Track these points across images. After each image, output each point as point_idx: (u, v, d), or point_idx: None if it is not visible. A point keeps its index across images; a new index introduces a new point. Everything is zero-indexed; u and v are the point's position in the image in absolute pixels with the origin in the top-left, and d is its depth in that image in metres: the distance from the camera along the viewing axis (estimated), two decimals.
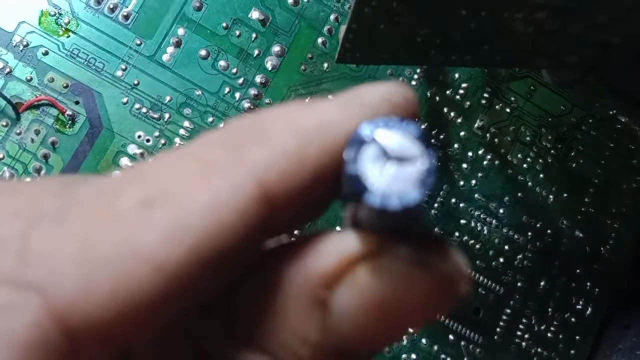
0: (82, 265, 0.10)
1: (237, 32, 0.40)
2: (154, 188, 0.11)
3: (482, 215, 0.43)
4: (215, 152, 0.11)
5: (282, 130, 0.11)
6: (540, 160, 0.44)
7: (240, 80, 0.40)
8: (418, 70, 0.43)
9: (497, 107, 0.44)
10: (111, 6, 0.38)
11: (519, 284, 0.43)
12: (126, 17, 0.39)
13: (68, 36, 0.38)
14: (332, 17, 0.42)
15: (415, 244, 0.11)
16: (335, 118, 0.12)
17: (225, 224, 0.10)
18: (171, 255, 0.10)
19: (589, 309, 0.45)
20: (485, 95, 0.44)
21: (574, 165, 0.45)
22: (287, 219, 0.12)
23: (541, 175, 0.44)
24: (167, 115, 0.39)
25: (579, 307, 0.44)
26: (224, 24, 0.40)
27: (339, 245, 0.12)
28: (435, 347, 0.42)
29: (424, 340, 0.41)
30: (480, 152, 0.43)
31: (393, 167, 0.11)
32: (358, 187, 0.11)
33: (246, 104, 0.40)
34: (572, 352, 0.44)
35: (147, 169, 0.11)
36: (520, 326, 0.43)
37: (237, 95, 0.40)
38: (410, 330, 0.12)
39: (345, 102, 0.12)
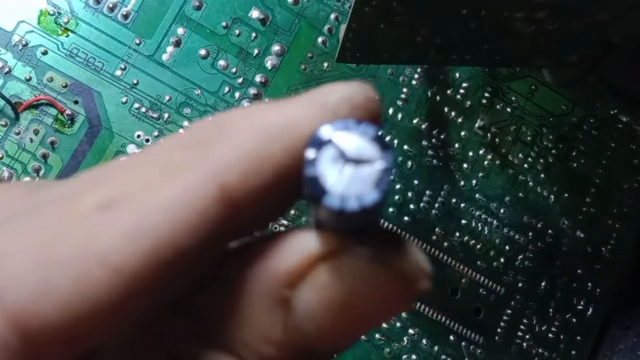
0: (41, 268, 0.10)
1: (237, 32, 0.40)
2: (115, 190, 0.11)
3: (482, 216, 0.43)
4: (177, 153, 0.11)
5: (244, 130, 0.11)
6: (541, 160, 0.44)
7: (240, 80, 0.40)
8: (418, 70, 0.42)
9: (497, 106, 0.44)
10: (110, 5, 0.38)
11: (519, 284, 0.43)
12: (125, 17, 0.39)
13: (67, 35, 0.38)
14: (332, 16, 0.41)
15: (375, 243, 0.12)
16: (297, 118, 0.12)
17: (185, 225, 0.10)
18: (130, 257, 0.10)
19: (590, 309, 0.44)
20: (486, 94, 0.43)
21: (575, 165, 0.45)
22: (250, 218, 0.12)
23: (542, 175, 0.44)
24: (166, 115, 0.39)
25: (580, 307, 0.44)
26: (224, 23, 0.40)
27: (301, 245, 0.12)
28: (436, 348, 0.42)
29: (424, 341, 0.41)
30: (481, 152, 0.43)
31: (351, 169, 0.11)
32: (317, 189, 0.11)
33: (246, 104, 0.40)
34: (573, 352, 0.44)
35: (108, 171, 0.11)
36: (521, 326, 0.43)
37: (237, 94, 0.40)
38: (373, 327, 0.12)
39: (307, 102, 0.12)
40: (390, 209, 0.41)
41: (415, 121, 0.42)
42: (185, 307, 0.12)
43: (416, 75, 0.42)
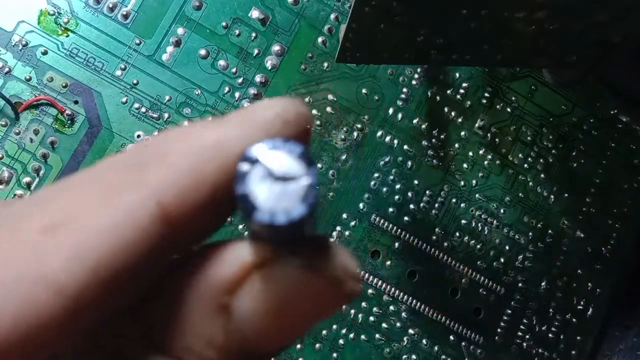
0: None
1: (237, 32, 0.40)
2: (57, 213, 0.11)
3: (482, 216, 0.43)
4: (116, 174, 0.12)
5: (180, 151, 0.12)
6: (541, 160, 0.44)
7: (240, 80, 0.40)
8: (418, 70, 0.42)
9: (497, 106, 0.44)
10: (110, 5, 0.38)
11: (519, 285, 0.43)
12: (125, 17, 0.39)
13: (67, 35, 0.38)
14: (332, 16, 0.41)
15: (306, 251, 0.12)
16: (230, 137, 0.12)
17: (125, 245, 0.11)
18: (73, 278, 0.10)
19: (590, 309, 0.44)
20: (486, 94, 0.43)
21: (575, 165, 0.45)
22: (189, 234, 0.12)
23: (542, 175, 0.44)
24: (166, 115, 0.39)
25: (580, 307, 0.44)
26: (224, 23, 0.40)
27: (237, 255, 0.13)
28: (436, 348, 0.42)
29: (424, 341, 0.41)
30: (481, 152, 0.43)
31: (278, 186, 0.12)
32: (248, 206, 0.11)
33: (246, 104, 0.40)
34: (573, 352, 0.44)
35: (50, 193, 0.12)
36: (521, 327, 0.43)
37: (237, 94, 0.40)
38: (309, 327, 0.13)
39: (240, 121, 0.13)
40: (390, 209, 0.41)
41: (415, 121, 0.42)
42: (139, 314, 0.13)
43: (416, 75, 0.42)
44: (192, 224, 0.12)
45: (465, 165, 0.43)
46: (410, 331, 0.41)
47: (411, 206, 0.42)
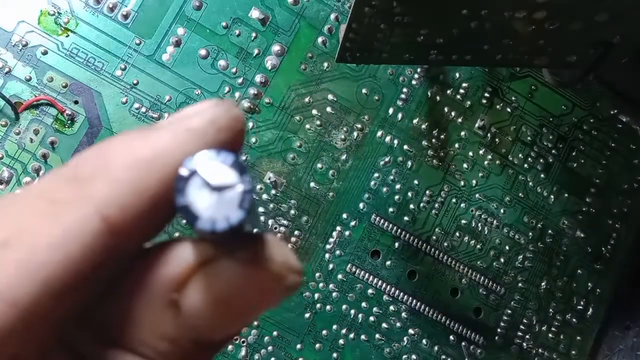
0: None
1: (237, 32, 0.40)
2: (5, 230, 0.12)
3: (482, 216, 0.43)
4: (61, 189, 0.13)
5: (121, 164, 0.13)
6: (541, 160, 0.44)
7: (240, 80, 0.40)
8: (418, 70, 0.42)
9: (497, 106, 0.44)
10: (110, 5, 0.38)
11: (519, 285, 0.43)
12: (125, 17, 0.39)
13: (67, 35, 0.38)
14: (332, 16, 0.41)
15: (247, 248, 0.13)
16: (166, 147, 0.13)
17: (72, 259, 0.12)
18: (25, 291, 0.11)
19: (590, 309, 0.44)
20: (486, 94, 0.43)
21: (575, 165, 0.45)
22: (133, 240, 0.13)
23: (542, 175, 0.44)
24: (166, 115, 0.39)
25: (580, 307, 0.44)
26: (224, 23, 0.40)
27: (182, 255, 0.14)
28: (436, 348, 0.42)
29: (424, 341, 0.41)
30: (481, 152, 0.43)
31: (215, 195, 0.12)
32: (189, 216, 0.12)
33: (246, 104, 0.40)
34: (573, 352, 0.44)
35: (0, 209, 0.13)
36: (521, 326, 0.43)
37: (237, 94, 0.40)
38: (254, 316, 0.15)
39: (174, 129, 0.13)
40: (390, 209, 0.41)
41: (415, 121, 0.42)
42: (89, 314, 0.13)
43: (416, 75, 0.42)
44: (135, 232, 0.13)
45: (465, 165, 0.43)
46: (410, 331, 0.41)
47: (411, 206, 0.42)
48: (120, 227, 0.12)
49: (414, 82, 0.42)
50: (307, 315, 0.40)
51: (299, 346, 0.40)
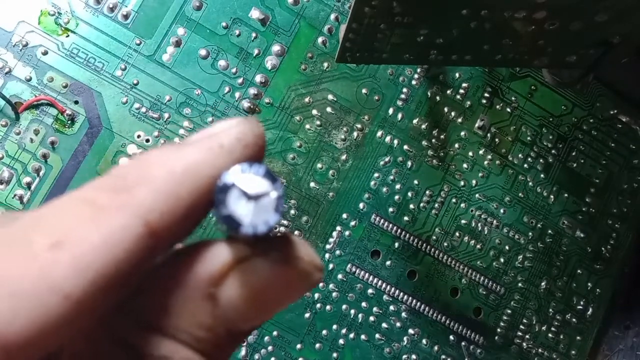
0: (7, 301, 0.13)
1: (237, 32, 0.40)
2: (58, 232, 0.14)
3: (482, 216, 0.43)
4: (105, 196, 0.14)
5: (159, 176, 0.15)
6: (541, 160, 0.44)
7: (240, 80, 0.40)
8: (418, 70, 0.42)
9: (497, 106, 0.44)
10: (110, 5, 0.38)
11: (519, 285, 0.43)
12: (126, 17, 0.39)
13: (67, 36, 0.38)
14: (332, 16, 0.41)
15: (277, 247, 0.16)
16: (200, 163, 0.15)
17: (117, 260, 0.14)
18: (77, 286, 0.13)
19: (590, 309, 0.44)
20: (486, 94, 0.44)
21: (574, 165, 0.45)
22: (170, 242, 0.15)
23: (542, 175, 0.44)
24: (166, 115, 0.39)
25: (580, 307, 0.44)
26: (224, 24, 0.40)
27: (220, 253, 0.15)
28: (436, 348, 0.42)
29: (424, 341, 0.41)
30: (480, 152, 0.43)
31: (253, 203, 0.14)
32: (233, 224, 0.14)
33: (246, 104, 0.40)
34: (573, 352, 0.44)
35: (49, 213, 0.14)
36: (521, 326, 0.43)
37: (237, 94, 0.40)
38: (280, 309, 0.16)
39: (206, 147, 0.15)
40: (390, 209, 0.41)
41: (415, 121, 0.42)
42: (130, 304, 0.15)
43: (416, 75, 0.42)
44: (172, 236, 0.15)
45: (465, 165, 0.43)
46: (410, 331, 0.41)
47: (411, 206, 0.42)
48: (159, 232, 0.14)
49: (414, 82, 0.42)
50: (307, 315, 0.40)
51: (299, 346, 0.40)
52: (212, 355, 0.15)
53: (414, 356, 0.41)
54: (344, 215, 0.41)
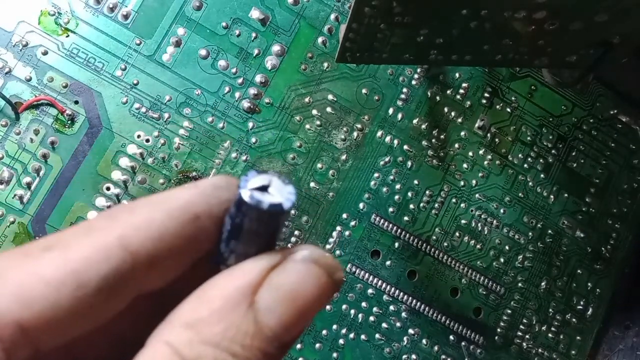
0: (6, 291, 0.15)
1: (237, 32, 0.40)
2: (52, 239, 0.16)
3: (482, 216, 0.43)
4: (98, 218, 0.17)
5: (146, 207, 0.17)
6: (541, 160, 0.44)
7: (240, 80, 0.40)
8: (418, 70, 0.42)
9: (497, 106, 0.44)
10: (110, 5, 0.38)
11: (519, 284, 0.43)
12: (126, 17, 0.39)
13: (67, 36, 0.38)
14: (332, 16, 0.41)
15: (301, 250, 0.17)
16: (173, 193, 0.17)
17: (93, 266, 0.16)
18: (62, 283, 0.15)
19: (590, 309, 0.44)
20: (486, 95, 0.44)
21: (574, 165, 0.45)
22: (158, 266, 0.17)
23: (542, 175, 0.44)
24: (166, 115, 0.39)
25: (580, 307, 0.44)
26: (224, 24, 0.40)
27: (256, 263, 0.17)
28: (436, 348, 0.42)
29: (424, 341, 0.41)
30: (480, 152, 0.43)
31: (272, 191, 0.17)
32: (263, 207, 0.16)
33: (246, 104, 0.40)
34: (573, 352, 0.44)
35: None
36: (521, 326, 0.43)
37: (237, 94, 0.40)
38: (314, 312, 0.17)
39: (189, 187, 0.17)
40: (390, 209, 0.41)
41: (415, 121, 0.42)
42: (179, 316, 0.16)
43: (416, 75, 0.42)
44: (156, 260, 0.16)
45: (465, 165, 0.43)
46: (410, 331, 0.41)
47: (411, 206, 0.42)
48: (139, 253, 0.16)
49: (414, 82, 0.42)
50: None
51: (299, 346, 0.40)
52: None
53: (414, 356, 0.41)
54: (344, 215, 0.41)
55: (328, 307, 0.40)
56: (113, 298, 0.16)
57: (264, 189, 0.17)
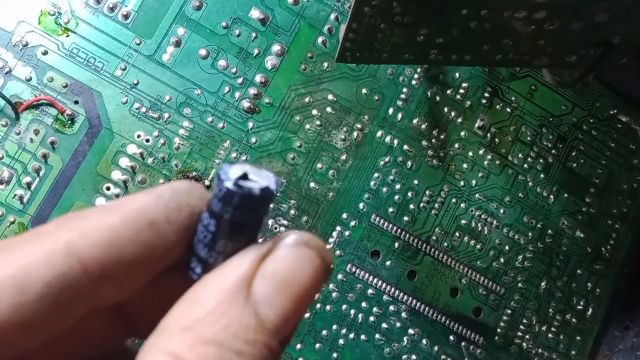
0: None
1: (237, 32, 0.40)
2: (1, 243, 0.16)
3: (482, 216, 0.43)
4: (50, 224, 0.16)
5: (98, 212, 0.16)
6: (541, 160, 0.44)
7: (240, 80, 0.40)
8: (418, 70, 0.42)
9: (497, 106, 0.44)
10: (110, 5, 0.38)
11: (519, 285, 0.43)
12: (126, 17, 0.39)
13: (67, 35, 0.38)
14: (332, 16, 0.41)
15: (289, 236, 0.16)
16: (129, 198, 0.16)
17: (39, 272, 0.15)
18: (1, 284, 0.15)
19: (590, 310, 0.44)
20: (486, 94, 0.44)
21: (574, 165, 0.45)
22: (111, 282, 0.16)
23: (542, 175, 0.44)
24: (166, 115, 0.39)
25: (580, 307, 0.44)
26: (224, 23, 0.40)
27: (247, 255, 0.16)
28: (436, 348, 0.42)
29: (424, 341, 0.41)
30: (480, 152, 0.43)
31: (256, 176, 0.16)
32: (254, 192, 0.16)
33: (246, 104, 0.40)
34: (573, 352, 0.44)
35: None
36: (521, 326, 0.43)
37: (237, 94, 0.40)
38: (310, 299, 0.17)
39: (146, 193, 0.17)
40: (390, 209, 0.41)
41: (415, 121, 0.42)
42: (175, 320, 0.16)
43: (416, 75, 0.42)
44: (109, 269, 0.16)
45: (465, 165, 0.43)
46: (410, 331, 0.41)
47: (411, 206, 0.42)
48: (82, 257, 0.15)
49: (414, 82, 0.42)
50: (307, 315, 0.40)
51: (299, 346, 0.40)
52: None
53: (414, 356, 0.41)
54: (344, 215, 0.41)
55: (328, 307, 0.40)
56: (60, 308, 0.15)
57: (244, 177, 0.16)
